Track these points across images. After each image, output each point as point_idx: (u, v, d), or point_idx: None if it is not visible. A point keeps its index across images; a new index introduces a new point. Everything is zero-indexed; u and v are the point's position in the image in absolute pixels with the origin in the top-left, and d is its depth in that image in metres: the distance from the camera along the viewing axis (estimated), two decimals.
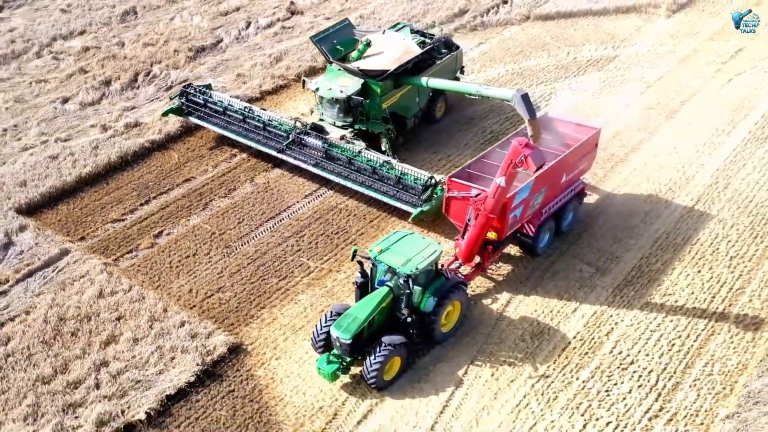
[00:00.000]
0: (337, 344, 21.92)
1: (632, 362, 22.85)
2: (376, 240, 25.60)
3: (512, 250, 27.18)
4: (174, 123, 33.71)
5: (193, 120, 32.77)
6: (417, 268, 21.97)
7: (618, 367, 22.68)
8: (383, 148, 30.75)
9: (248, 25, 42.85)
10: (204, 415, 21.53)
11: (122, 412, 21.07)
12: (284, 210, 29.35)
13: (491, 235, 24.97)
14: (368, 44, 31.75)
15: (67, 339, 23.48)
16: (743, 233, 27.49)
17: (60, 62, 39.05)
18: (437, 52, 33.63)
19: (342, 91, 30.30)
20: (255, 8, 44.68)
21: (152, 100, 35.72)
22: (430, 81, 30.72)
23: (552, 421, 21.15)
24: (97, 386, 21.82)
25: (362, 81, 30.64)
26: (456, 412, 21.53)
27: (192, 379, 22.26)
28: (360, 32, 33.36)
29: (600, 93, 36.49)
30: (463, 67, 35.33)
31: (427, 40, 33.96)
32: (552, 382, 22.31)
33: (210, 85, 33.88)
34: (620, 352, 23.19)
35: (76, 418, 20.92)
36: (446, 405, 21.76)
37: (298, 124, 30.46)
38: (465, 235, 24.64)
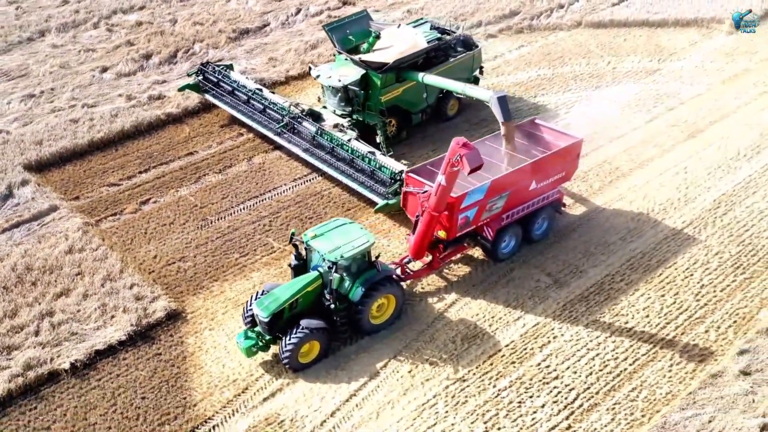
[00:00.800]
0: (258, 321, 22.46)
1: (556, 377, 22.24)
2: None
3: (477, 252, 26.86)
4: (194, 99, 35.08)
5: (207, 97, 34.00)
6: (342, 256, 22.18)
7: (540, 381, 22.14)
8: (377, 140, 30.95)
9: (298, 11, 43.87)
10: (126, 372, 22.54)
11: (50, 359, 22.36)
12: (269, 191, 30.08)
13: (441, 234, 24.82)
14: (377, 36, 32.00)
15: (26, 287, 25.07)
16: (725, 262, 26.10)
17: (112, 34, 41.31)
18: (453, 50, 33.45)
19: (340, 80, 30.72)
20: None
21: (183, 76, 37.17)
22: (426, 77, 30.66)
23: (452, 425, 20.93)
24: (37, 333, 23.22)
25: (363, 72, 30.92)
26: (361, 403, 21.63)
27: (124, 338, 23.33)
28: (376, 24, 33.62)
29: (627, 105, 35.29)
30: (482, 67, 34.99)
31: (447, 37, 33.84)
32: (467, 386, 22.03)
33: (231, 65, 35.02)
34: (548, 366, 22.60)
35: (8, 359, 22.36)
36: (354, 394, 21.88)
37: (293, 109, 31.09)
38: (414, 231, 24.63)
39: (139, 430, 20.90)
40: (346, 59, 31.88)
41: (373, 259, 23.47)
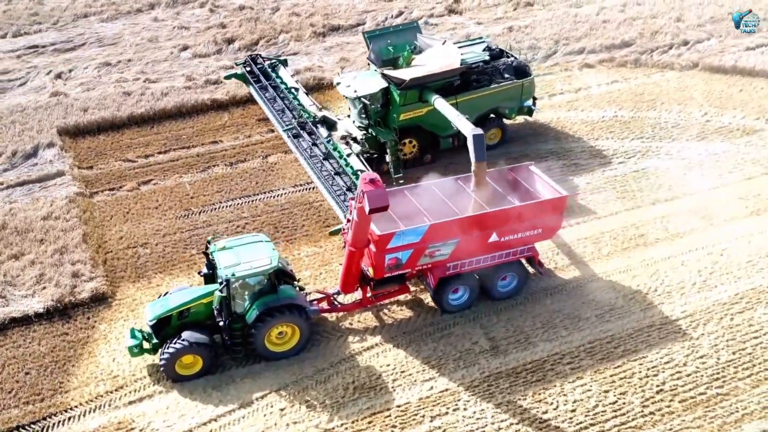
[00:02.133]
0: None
1: None
2: (308, 244, 25.94)
3: (428, 297, 24.73)
4: (244, 88, 35.15)
5: (250, 88, 33.96)
6: (233, 274, 21.20)
7: None
8: (386, 159, 29.37)
9: (400, 14, 42.71)
10: (27, 344, 23.07)
11: None
12: (264, 192, 29.57)
13: (371, 271, 23.05)
14: (413, 51, 30.23)
15: None
16: (705, 369, 22.08)
17: (212, 15, 42.50)
18: (500, 76, 30.92)
19: (355, 91, 29.40)
20: (418, 3, 44.18)
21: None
22: (437, 101, 28.46)
23: None
24: None
25: (385, 86, 29.38)
26: (216, 430, 20.61)
27: (41, 310, 23.85)
28: (423, 39, 31.76)
29: (698, 165, 30.88)
30: (535, 98, 32.09)
31: (507, 60, 31.36)
32: None
33: (285, 61, 34.71)
34: None
35: None
36: (214, 419, 20.92)
37: (304, 114, 30.21)
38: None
39: (4, 403, 21.20)
40: (375, 70, 30.43)
41: (295, 286, 22.31)
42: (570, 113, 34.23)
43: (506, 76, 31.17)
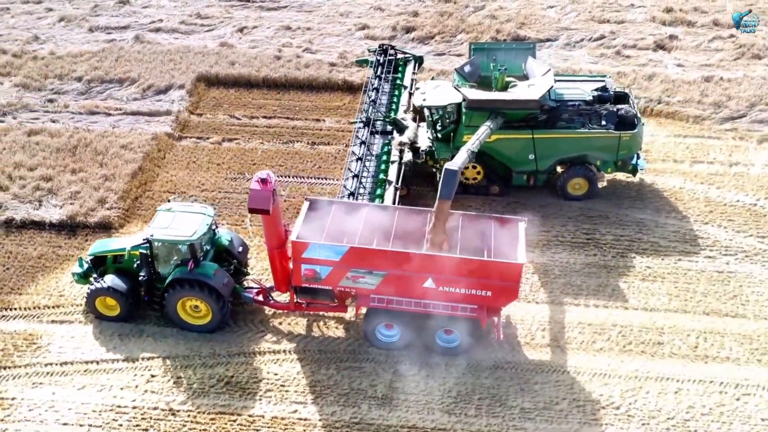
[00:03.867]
0: None
1: None
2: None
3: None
4: None
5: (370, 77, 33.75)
6: (152, 235, 22.00)
7: None
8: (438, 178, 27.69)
9: (601, 37, 39.14)
10: (26, 244, 26.19)
11: None
12: (318, 178, 29.66)
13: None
14: (505, 71, 27.82)
15: (62, 154, 29.93)
16: None
17: (414, 2, 42.53)
18: (599, 121, 27.34)
19: (424, 100, 27.96)
20: (629, 29, 39.97)
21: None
22: (483, 126, 25.78)
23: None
24: (23, 186, 28.16)
25: (457, 102, 27.58)
26: (89, 371, 21.75)
27: (55, 221, 26.96)
28: (533, 63, 28.93)
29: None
30: (639, 156, 27.91)
31: (613, 106, 27.72)
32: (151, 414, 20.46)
33: (421, 58, 33.77)
34: None
35: None
36: (95, 361, 22.10)
37: (377, 114, 29.35)
38: None
39: None
40: (458, 82, 28.55)
41: (242, 271, 23.26)
42: (699, 186, 28.94)
43: (603, 123, 27.28)
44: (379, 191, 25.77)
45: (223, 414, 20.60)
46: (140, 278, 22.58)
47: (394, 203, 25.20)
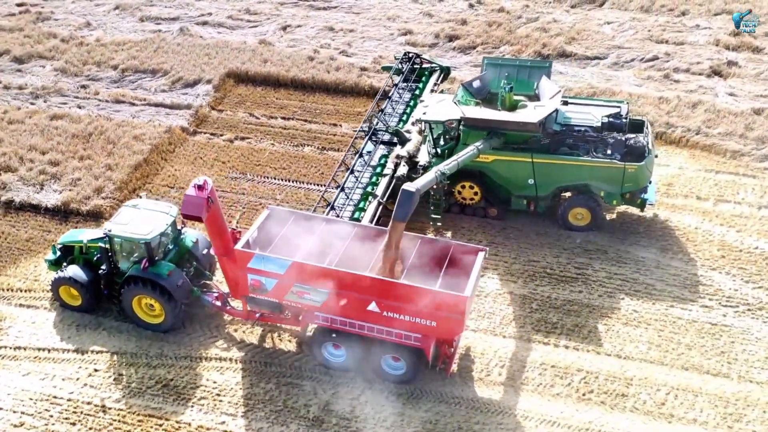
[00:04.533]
0: None
1: None
2: None
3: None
4: None
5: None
6: (110, 231, 22.16)
7: None
8: (430, 201, 26.78)
9: (654, 59, 37.03)
10: (20, 226, 27.01)
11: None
12: (317, 184, 29.17)
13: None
14: (510, 90, 26.59)
15: (76, 140, 30.72)
16: None
17: (467, 9, 41.45)
18: (605, 149, 25.80)
19: (425, 113, 27.04)
20: (686, 52, 37.60)
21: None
22: (472, 146, 24.69)
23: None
24: (30, 169, 28.97)
25: (457, 118, 26.56)
26: (39, 358, 22.13)
27: (50, 206, 27.61)
28: (546, 83, 27.49)
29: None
30: (649, 189, 26.11)
31: (622, 136, 26.09)
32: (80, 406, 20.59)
33: (449, 69, 32.78)
34: None
35: None
36: (47, 349, 22.48)
37: (380, 123, 28.61)
38: None
39: None
40: (464, 99, 27.47)
41: (205, 275, 23.22)
42: (717, 228, 26.83)
43: (609, 152, 25.64)
44: (362, 204, 25.07)
45: (151, 417, 20.48)
46: (100, 272, 22.73)
47: (374, 218, 24.48)
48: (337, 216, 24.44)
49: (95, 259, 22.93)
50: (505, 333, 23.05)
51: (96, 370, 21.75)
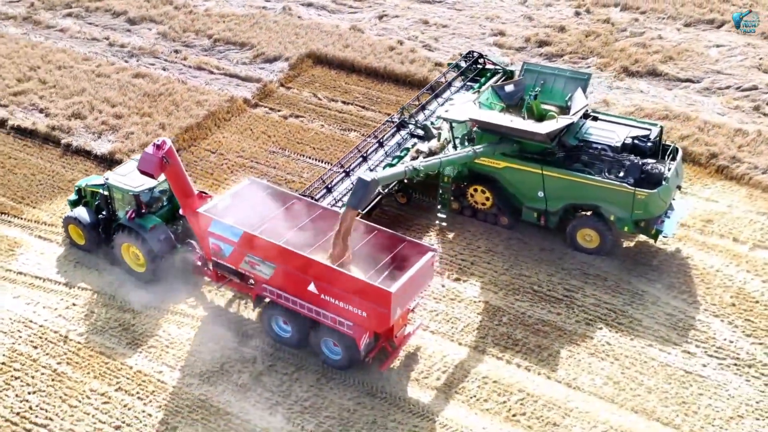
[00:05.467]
0: None
1: None
2: None
3: None
4: None
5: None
6: (108, 179, 24.00)
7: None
8: (438, 198, 26.72)
9: (750, 88, 34.28)
10: (65, 164, 29.61)
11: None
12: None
13: None
14: (536, 98, 25.86)
15: (135, 96, 33.28)
16: None
17: (573, 17, 40.15)
18: (616, 172, 24.58)
19: (446, 111, 26.83)
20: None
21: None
22: (452, 154, 24.27)
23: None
24: (85, 118, 31.79)
25: (463, 121, 26.19)
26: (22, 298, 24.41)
27: (98, 153, 30.02)
28: (579, 96, 26.37)
29: None
30: (667, 221, 24.63)
31: (637, 161, 24.72)
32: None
33: (512, 72, 32.17)
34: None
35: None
36: (42, 279, 24.66)
37: (409, 116, 28.62)
38: None
39: None
40: (490, 101, 26.99)
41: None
42: (741, 274, 24.60)
43: (622, 175, 24.28)
44: None
45: (101, 354, 22.02)
46: (100, 216, 24.59)
47: (370, 206, 24.77)
48: (335, 202, 24.95)
49: (96, 204, 24.77)
50: (462, 340, 22.57)
51: (74, 305, 23.61)
